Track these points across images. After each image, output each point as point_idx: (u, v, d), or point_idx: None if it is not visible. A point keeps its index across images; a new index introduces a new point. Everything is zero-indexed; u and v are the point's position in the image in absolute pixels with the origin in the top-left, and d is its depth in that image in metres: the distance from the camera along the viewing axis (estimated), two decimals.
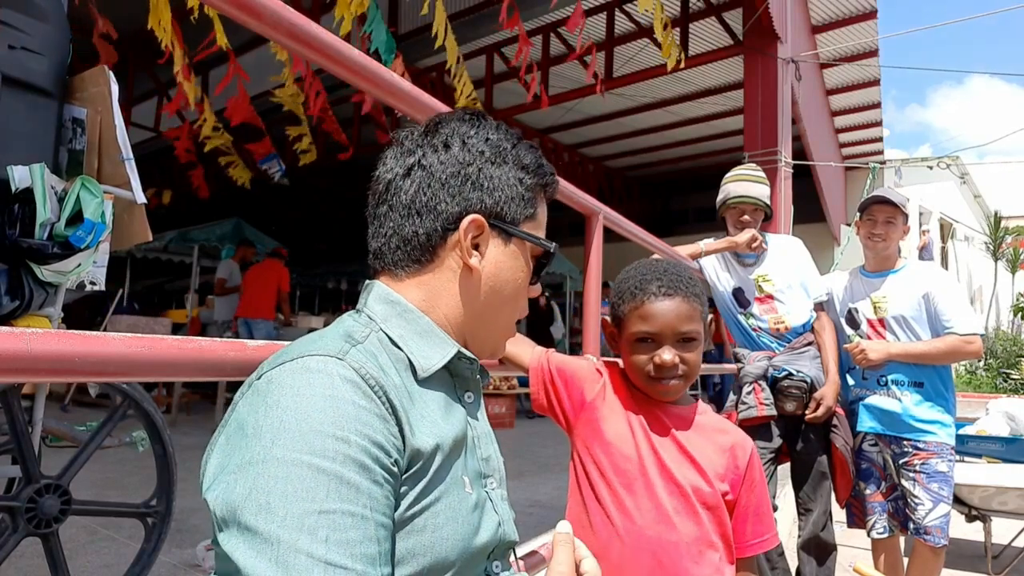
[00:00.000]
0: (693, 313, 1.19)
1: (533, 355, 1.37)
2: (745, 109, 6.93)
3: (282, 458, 0.58)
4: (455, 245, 0.78)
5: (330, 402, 0.61)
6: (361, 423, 0.62)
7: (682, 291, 1.20)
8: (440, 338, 0.78)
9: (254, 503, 0.56)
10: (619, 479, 1.19)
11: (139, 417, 2.32)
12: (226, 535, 0.58)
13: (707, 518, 1.17)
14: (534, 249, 0.85)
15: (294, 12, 0.97)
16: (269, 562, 0.54)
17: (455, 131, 0.81)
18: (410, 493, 0.66)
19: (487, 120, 0.84)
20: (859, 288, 2.70)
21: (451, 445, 0.72)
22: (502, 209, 0.80)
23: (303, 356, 0.66)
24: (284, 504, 0.56)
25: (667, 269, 1.24)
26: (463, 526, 0.70)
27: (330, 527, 0.56)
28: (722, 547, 1.17)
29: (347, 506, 0.58)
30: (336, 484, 0.58)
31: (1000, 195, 18.96)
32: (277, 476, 0.57)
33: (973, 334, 2.46)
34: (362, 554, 0.57)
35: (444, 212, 0.78)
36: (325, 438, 0.59)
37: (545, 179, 0.85)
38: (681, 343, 1.19)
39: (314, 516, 0.56)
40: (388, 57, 6.02)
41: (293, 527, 0.55)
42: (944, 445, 2.49)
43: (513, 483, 4.42)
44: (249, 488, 0.57)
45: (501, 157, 0.81)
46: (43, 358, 0.64)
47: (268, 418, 0.60)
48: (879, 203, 2.60)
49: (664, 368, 1.18)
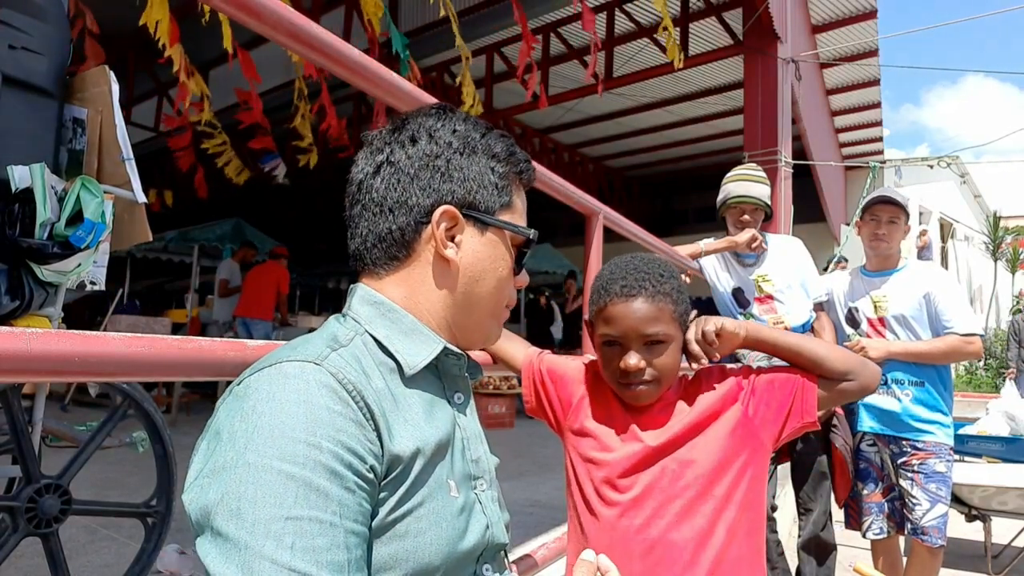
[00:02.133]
0: (659, 314, 1.12)
1: (526, 356, 1.34)
2: (745, 109, 6.93)
3: (254, 463, 0.58)
4: (430, 238, 0.78)
5: (304, 407, 0.61)
6: (335, 429, 0.61)
7: (646, 290, 1.12)
8: (425, 335, 0.78)
9: (225, 508, 0.57)
10: (605, 479, 1.15)
11: (139, 417, 2.32)
12: (201, 539, 0.58)
13: (706, 509, 1.11)
14: (514, 238, 0.84)
15: (294, 12, 0.97)
16: (236, 567, 0.55)
17: (421, 125, 0.81)
18: (390, 499, 0.66)
19: (454, 113, 0.84)
20: (860, 287, 2.70)
21: (435, 448, 0.71)
22: (475, 199, 0.79)
23: (281, 362, 0.66)
24: (253, 510, 0.56)
25: (635, 267, 1.16)
26: (447, 530, 0.70)
27: (296, 533, 0.56)
28: (726, 538, 1.11)
29: (315, 512, 0.58)
30: (305, 491, 0.58)
31: (999, 195, 18.97)
32: (248, 481, 0.57)
33: (973, 334, 2.46)
34: (328, 561, 0.57)
35: (416, 206, 0.78)
36: (296, 444, 0.59)
37: (519, 166, 0.85)
38: (648, 346, 1.13)
39: (281, 522, 0.56)
40: (405, 55, 6.05)
41: (260, 533, 0.55)
42: (942, 445, 2.49)
43: (513, 483, 4.41)
44: (221, 493, 0.58)
45: (470, 147, 0.80)
46: (43, 358, 0.64)
47: (243, 423, 0.61)
48: (882, 203, 2.60)
49: (630, 372, 1.13)
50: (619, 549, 1.11)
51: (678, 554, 1.09)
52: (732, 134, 10.93)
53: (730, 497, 1.12)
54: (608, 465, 1.16)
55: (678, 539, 1.10)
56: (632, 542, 1.12)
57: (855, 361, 1.18)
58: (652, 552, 1.10)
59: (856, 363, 1.17)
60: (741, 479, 1.14)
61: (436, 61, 9.08)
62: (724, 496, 1.12)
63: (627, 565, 1.09)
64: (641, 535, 1.11)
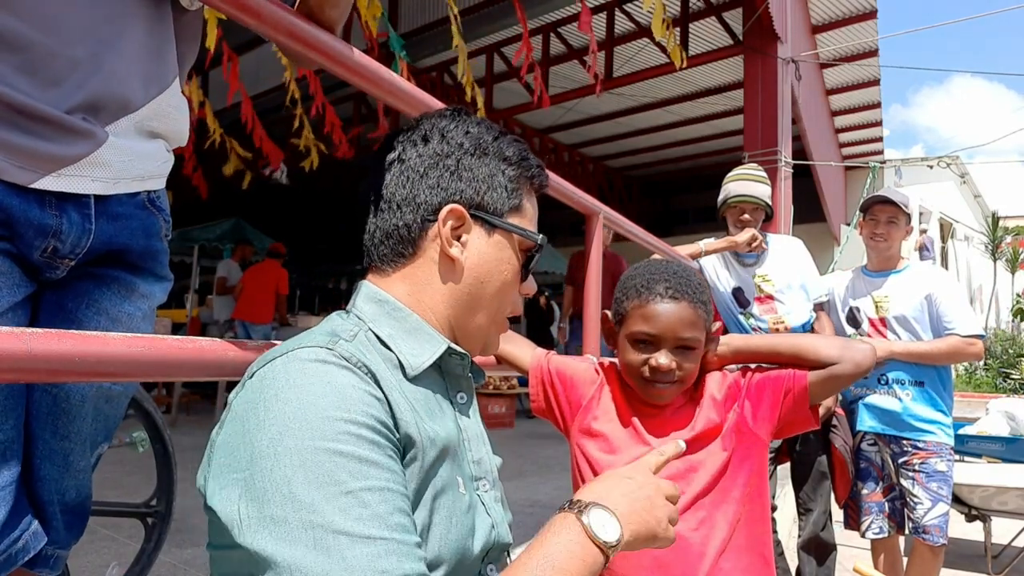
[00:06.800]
0: (696, 320, 1.17)
1: (533, 356, 1.35)
2: (745, 109, 6.93)
3: (296, 447, 0.58)
4: (436, 236, 0.78)
5: (329, 387, 0.62)
6: (364, 403, 0.63)
7: (688, 296, 1.17)
8: (429, 335, 0.77)
9: (277, 495, 0.57)
10: None
11: (139, 417, 2.32)
12: (250, 533, 0.57)
13: (712, 503, 1.16)
14: (522, 242, 0.83)
15: (294, 12, 0.97)
16: (307, 548, 0.54)
17: (435, 125, 0.82)
18: (408, 487, 0.66)
19: (468, 115, 0.84)
20: (861, 287, 2.70)
21: (442, 444, 0.71)
22: (483, 199, 0.79)
23: (293, 350, 0.66)
24: (309, 491, 0.56)
25: (676, 272, 1.21)
26: (458, 526, 0.70)
27: (360, 505, 0.57)
28: (731, 530, 1.16)
29: (371, 483, 0.59)
30: (356, 464, 0.59)
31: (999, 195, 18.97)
32: (295, 465, 0.57)
33: (975, 336, 2.47)
34: (396, 523, 0.58)
35: (423, 203, 0.78)
36: (334, 422, 0.60)
37: (531, 171, 0.84)
38: (680, 349, 1.17)
39: (343, 497, 0.57)
40: (403, 54, 6.07)
41: (326, 511, 0.56)
42: (943, 445, 2.49)
43: (513, 483, 4.41)
44: (268, 482, 0.57)
45: (481, 149, 0.81)
46: (43, 358, 0.64)
47: (270, 412, 0.60)
48: (881, 203, 2.60)
49: (659, 372, 1.16)
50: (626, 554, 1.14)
51: (687, 545, 1.13)
52: (732, 134, 10.93)
53: (734, 491, 1.17)
54: (615, 465, 1.18)
55: (686, 531, 1.14)
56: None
57: (838, 344, 1.19)
58: (661, 553, 1.13)
59: (839, 346, 1.19)
60: (742, 474, 1.18)
61: (436, 61, 9.08)
62: (728, 490, 1.17)
63: (637, 557, 1.13)
64: None
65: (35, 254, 0.87)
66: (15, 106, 0.78)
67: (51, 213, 0.85)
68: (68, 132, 0.83)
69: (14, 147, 0.78)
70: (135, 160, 0.93)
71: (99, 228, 0.91)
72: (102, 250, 0.94)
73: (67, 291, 0.95)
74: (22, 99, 0.78)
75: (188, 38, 1.04)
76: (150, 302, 1.05)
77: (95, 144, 0.86)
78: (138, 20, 0.90)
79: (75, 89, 0.83)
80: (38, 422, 0.94)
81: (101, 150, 0.87)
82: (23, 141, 0.79)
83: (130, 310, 1.00)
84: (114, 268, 0.98)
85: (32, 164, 0.80)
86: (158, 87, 0.96)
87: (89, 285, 0.96)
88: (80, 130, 0.84)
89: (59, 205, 0.85)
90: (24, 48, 0.79)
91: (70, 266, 0.92)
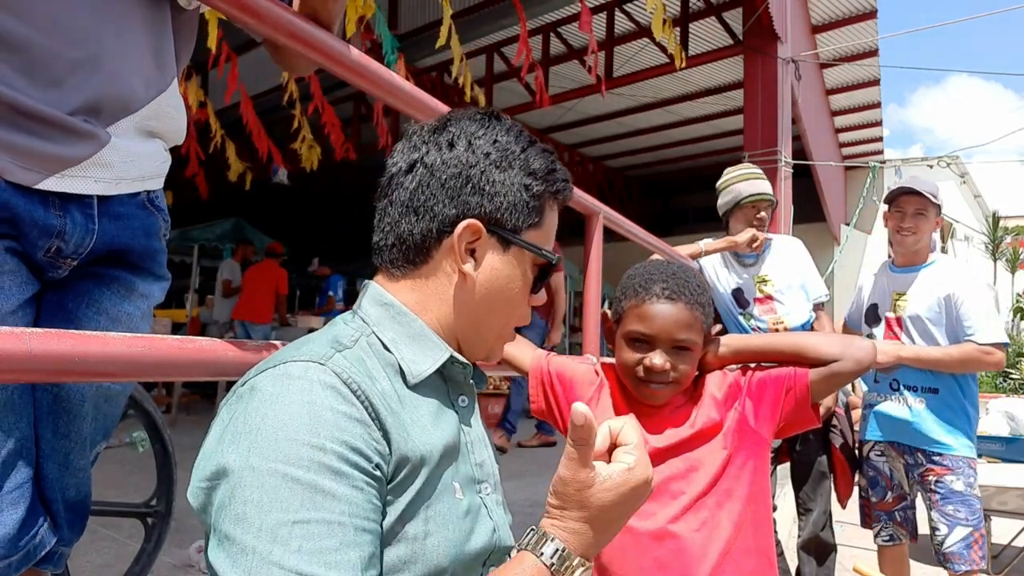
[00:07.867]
0: (693, 322, 1.16)
1: (533, 358, 1.35)
2: (745, 109, 6.92)
3: (257, 467, 0.58)
4: (450, 249, 0.76)
5: (307, 408, 0.61)
6: (339, 429, 0.61)
7: (686, 297, 1.16)
8: (433, 342, 0.76)
9: (231, 513, 0.57)
10: None
11: (139, 417, 2.32)
12: (210, 542, 0.59)
13: (713, 504, 1.16)
14: (535, 259, 0.81)
15: (294, 12, 0.97)
16: (243, 573, 0.55)
17: (463, 130, 0.78)
18: (398, 502, 0.65)
19: (500, 121, 0.81)
20: (883, 283, 2.55)
21: (441, 452, 0.71)
22: (502, 216, 0.77)
23: (285, 362, 0.66)
24: (259, 514, 0.56)
25: (675, 273, 1.20)
26: (454, 533, 0.70)
27: (303, 536, 0.56)
28: (733, 531, 1.15)
29: (322, 514, 0.57)
30: (310, 493, 0.58)
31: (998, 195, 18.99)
32: (253, 486, 0.57)
33: (994, 344, 2.25)
34: (338, 561, 0.57)
35: (440, 214, 0.76)
36: (300, 446, 0.59)
37: (556, 185, 0.81)
38: (675, 350, 1.16)
39: (288, 527, 0.56)
40: (392, 58, 6.03)
41: (267, 538, 0.55)
42: (960, 459, 2.28)
43: (513, 483, 4.41)
44: (228, 497, 0.58)
45: (507, 161, 0.78)
46: (43, 358, 0.64)
47: (246, 426, 0.61)
48: (907, 194, 2.38)
49: (653, 372, 1.16)
50: (630, 544, 1.14)
51: (687, 546, 1.13)
52: (732, 134, 10.92)
53: (736, 492, 1.17)
54: None
55: (687, 532, 1.13)
56: (642, 537, 1.15)
57: (839, 342, 1.20)
58: (662, 545, 1.14)
59: (840, 343, 1.19)
60: (745, 474, 1.18)
61: (436, 61, 9.07)
62: (730, 491, 1.16)
63: (637, 559, 1.13)
64: (651, 530, 1.15)
65: (39, 254, 0.87)
66: (17, 107, 0.78)
67: (55, 214, 0.85)
68: (71, 134, 0.83)
69: (18, 148, 0.79)
70: (135, 160, 0.94)
71: (102, 228, 0.91)
72: (103, 250, 0.94)
73: (67, 291, 0.95)
74: (24, 100, 0.78)
75: (185, 37, 1.04)
76: (149, 302, 1.05)
77: (98, 146, 0.86)
78: (138, 21, 0.91)
79: (76, 90, 0.83)
80: (39, 421, 0.95)
81: (103, 151, 0.87)
82: (26, 142, 0.79)
83: (130, 310, 1.00)
84: (114, 268, 0.99)
85: (36, 165, 0.80)
86: (158, 87, 0.96)
87: (89, 285, 0.96)
88: (83, 132, 0.84)
89: (63, 206, 0.86)
90: (24, 49, 0.79)
91: (72, 266, 0.92)
